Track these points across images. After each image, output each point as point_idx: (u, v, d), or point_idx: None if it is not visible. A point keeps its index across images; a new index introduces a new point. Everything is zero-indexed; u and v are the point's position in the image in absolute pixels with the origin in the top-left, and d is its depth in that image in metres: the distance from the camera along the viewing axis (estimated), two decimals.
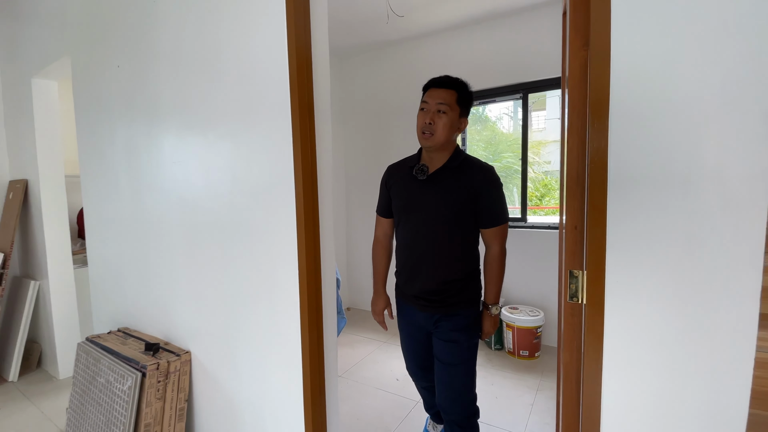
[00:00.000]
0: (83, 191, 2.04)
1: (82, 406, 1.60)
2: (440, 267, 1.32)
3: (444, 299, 1.33)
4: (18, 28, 2.43)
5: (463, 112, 1.31)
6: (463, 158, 1.32)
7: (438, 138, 1.26)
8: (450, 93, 1.27)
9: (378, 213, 1.51)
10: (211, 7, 1.35)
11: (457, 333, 1.33)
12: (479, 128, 3.93)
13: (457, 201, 1.27)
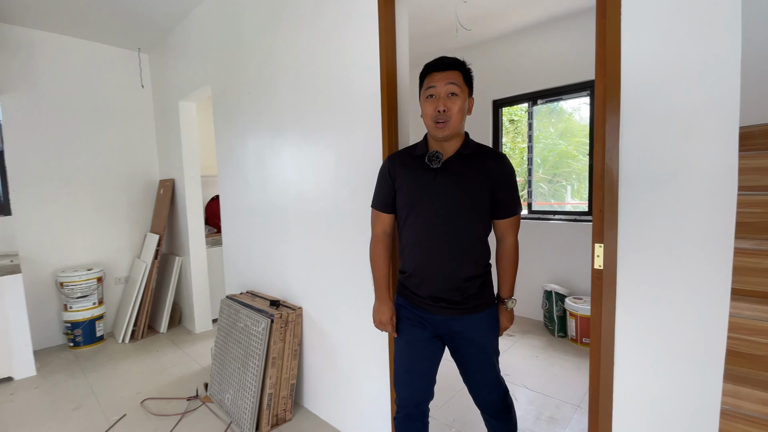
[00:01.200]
0: (220, 188, 2.69)
1: (226, 345, 2.19)
2: (461, 262, 1.22)
3: (465, 300, 1.23)
4: (169, 63, 3.20)
5: (470, 93, 1.22)
6: (476, 145, 1.24)
7: (454, 124, 1.17)
8: (456, 74, 1.18)
9: (375, 207, 1.35)
10: (320, 43, 1.80)
11: (484, 337, 1.27)
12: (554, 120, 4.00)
13: (474, 190, 1.19)
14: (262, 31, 2.13)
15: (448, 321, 1.25)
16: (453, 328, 1.26)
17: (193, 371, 2.58)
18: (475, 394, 1.34)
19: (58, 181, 3.04)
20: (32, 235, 2.92)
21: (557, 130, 4.05)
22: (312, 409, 2.08)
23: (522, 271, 3.27)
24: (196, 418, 2.05)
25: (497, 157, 1.24)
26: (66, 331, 2.95)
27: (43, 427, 1.99)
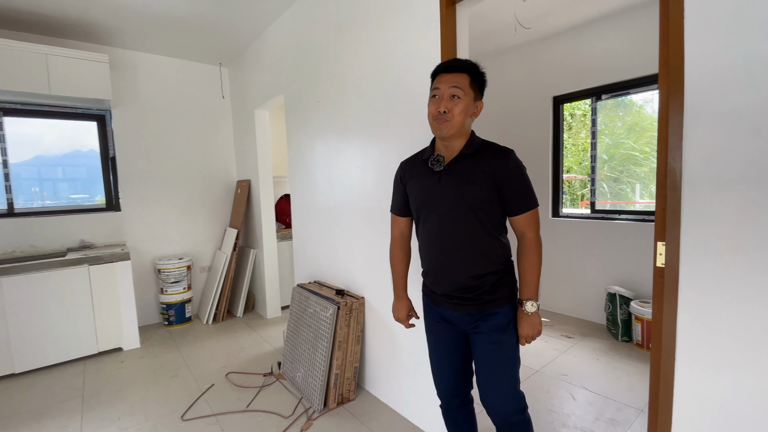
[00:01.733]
0: (291, 187, 2.96)
1: (297, 328, 2.43)
2: (468, 262, 1.24)
3: (479, 296, 1.25)
4: (246, 75, 3.57)
5: (477, 95, 1.24)
6: (480, 143, 1.25)
7: (454, 124, 1.19)
8: (462, 77, 1.20)
9: (393, 212, 1.44)
10: (384, 52, 1.94)
11: (497, 334, 1.24)
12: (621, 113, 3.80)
13: (478, 189, 1.20)
14: (331, 43, 2.33)
15: (465, 317, 1.28)
16: (469, 325, 1.28)
17: (266, 351, 2.88)
18: (487, 399, 1.27)
19: (155, 183, 3.53)
20: (136, 228, 3.44)
21: (625, 124, 3.85)
22: (373, 391, 2.25)
23: (581, 272, 3.22)
24: (271, 392, 2.31)
25: (500, 152, 1.22)
26: (162, 311, 3.43)
27: (149, 390, 2.37)
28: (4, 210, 2.97)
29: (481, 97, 1.26)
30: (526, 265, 1.24)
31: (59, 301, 2.66)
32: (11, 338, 2.52)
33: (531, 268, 1.23)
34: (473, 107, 1.23)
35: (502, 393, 1.26)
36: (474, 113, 1.25)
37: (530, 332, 1.24)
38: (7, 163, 2.96)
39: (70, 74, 2.77)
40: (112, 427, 2.00)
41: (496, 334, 1.24)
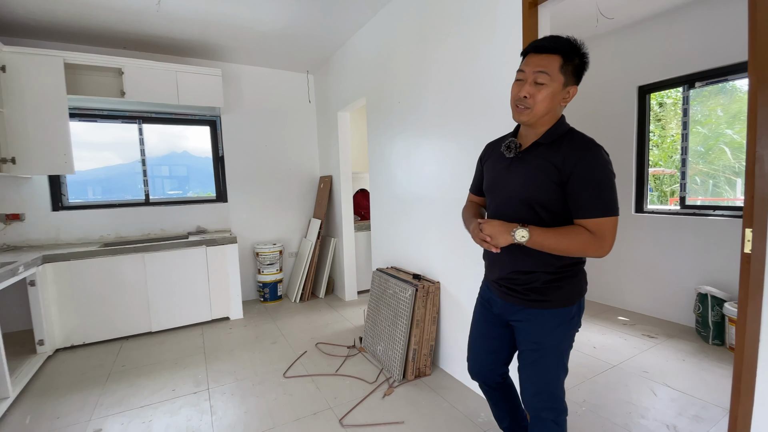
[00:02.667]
0: (371, 181, 3.24)
1: (377, 307, 2.70)
2: (515, 256, 1.19)
3: (525, 292, 1.20)
4: (330, 80, 3.93)
5: (570, 80, 1.11)
6: (562, 133, 1.13)
7: (535, 113, 1.11)
8: (552, 59, 1.09)
9: (470, 190, 1.48)
10: (465, 53, 2.10)
11: (540, 331, 1.20)
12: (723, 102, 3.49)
13: (541, 182, 1.11)
14: (412, 47, 2.54)
15: (509, 307, 1.26)
16: (513, 316, 1.26)
17: (347, 328, 3.21)
18: (522, 390, 1.27)
19: (254, 178, 4.06)
20: (239, 216, 4.00)
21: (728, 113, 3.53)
22: (447, 369, 2.43)
23: (667, 271, 3.07)
24: (355, 361, 2.61)
25: (579, 147, 1.08)
26: (258, 288, 3.96)
27: (254, 352, 2.80)
28: (143, 200, 3.67)
29: (577, 81, 1.12)
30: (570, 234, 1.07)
31: (184, 274, 3.24)
32: (150, 303, 3.14)
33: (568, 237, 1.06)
34: (562, 93, 1.11)
35: (534, 389, 1.23)
36: (564, 99, 1.13)
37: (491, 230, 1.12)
38: (146, 162, 3.65)
39: (193, 87, 3.34)
40: (230, 377, 2.44)
41: (538, 336, 1.20)
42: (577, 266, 1.20)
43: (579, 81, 1.15)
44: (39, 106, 2.84)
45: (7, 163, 2.77)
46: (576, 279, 1.20)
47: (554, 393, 1.22)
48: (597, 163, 1.06)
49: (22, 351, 2.72)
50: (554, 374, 1.21)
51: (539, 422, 1.25)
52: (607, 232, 1.05)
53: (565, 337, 1.21)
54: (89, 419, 2.03)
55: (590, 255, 1.07)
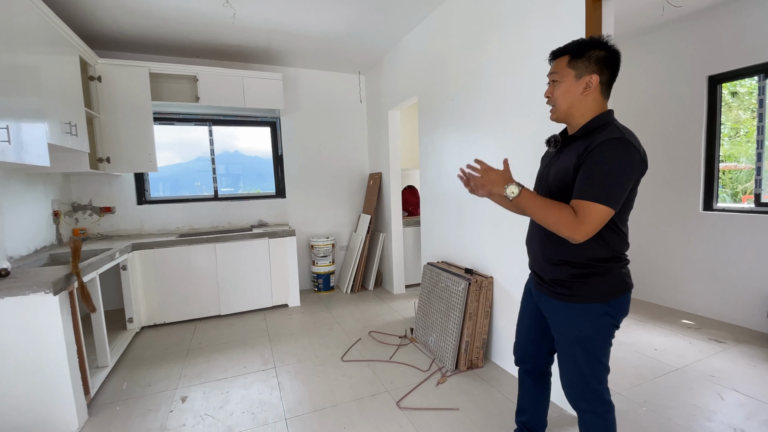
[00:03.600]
0: (421, 177, 3.33)
1: (429, 299, 2.80)
2: (547, 245, 1.25)
3: (552, 283, 1.25)
4: (381, 80, 4.06)
5: (585, 70, 1.17)
6: (597, 126, 1.16)
7: (559, 108, 1.23)
8: (560, 60, 1.22)
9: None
10: (523, 50, 2.12)
11: (567, 324, 1.23)
12: None
13: (565, 174, 1.17)
14: (467, 44, 2.59)
15: (540, 296, 1.33)
16: (544, 305, 1.32)
17: (397, 319, 3.33)
18: (561, 380, 1.31)
19: (309, 175, 4.30)
20: (296, 211, 4.26)
21: None
22: (499, 363, 2.48)
23: (738, 273, 2.90)
24: (407, 350, 2.72)
25: (602, 137, 1.10)
26: (313, 279, 4.20)
27: (313, 337, 3.00)
28: (212, 195, 4.01)
29: (592, 71, 1.17)
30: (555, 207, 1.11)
31: (249, 264, 3.52)
32: (219, 289, 3.45)
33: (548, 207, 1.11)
34: (579, 84, 1.18)
35: (568, 381, 1.27)
36: (586, 90, 1.18)
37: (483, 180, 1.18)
38: (214, 161, 3.99)
39: (257, 91, 3.61)
40: (294, 358, 2.65)
41: (566, 329, 1.23)
42: (608, 264, 1.18)
43: (611, 69, 1.19)
44: (128, 111, 3.21)
45: (103, 162, 3.17)
46: (606, 277, 1.18)
47: (590, 386, 1.23)
48: (606, 152, 1.08)
49: (114, 327, 3.11)
50: (587, 368, 1.22)
51: (581, 414, 1.28)
52: (588, 216, 1.06)
53: (596, 333, 1.20)
54: (176, 388, 2.31)
55: (563, 233, 1.09)
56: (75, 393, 1.91)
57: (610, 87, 1.22)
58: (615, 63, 1.19)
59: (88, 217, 3.52)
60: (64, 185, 3.34)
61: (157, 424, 1.96)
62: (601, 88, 1.20)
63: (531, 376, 1.53)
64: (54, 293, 1.81)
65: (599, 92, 1.20)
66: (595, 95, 1.20)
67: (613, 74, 1.20)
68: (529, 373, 1.53)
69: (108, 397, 2.22)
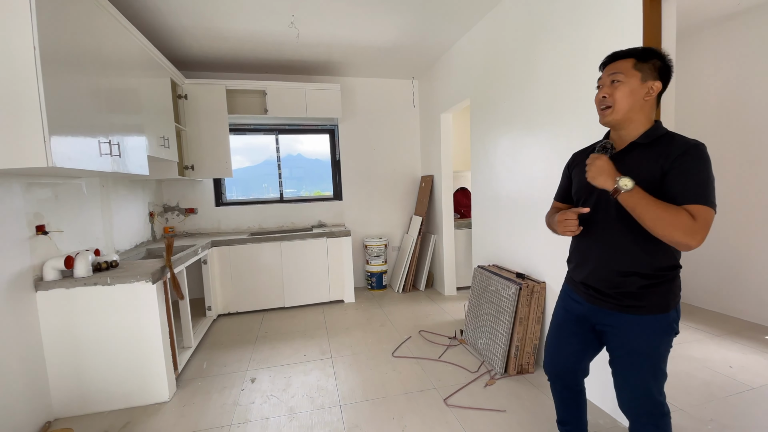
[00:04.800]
0: (473, 180, 3.36)
1: (479, 302, 2.83)
2: (616, 254, 1.20)
3: (618, 296, 1.21)
4: (433, 84, 4.13)
5: (649, 75, 1.15)
6: (660, 135, 1.15)
7: (619, 110, 1.17)
8: (624, 61, 1.18)
9: (555, 198, 1.54)
10: (577, 52, 2.08)
11: (634, 343, 1.20)
12: None
13: (642, 179, 1.10)
14: (521, 47, 2.58)
15: (598, 312, 1.27)
16: (603, 320, 1.27)
17: (447, 320, 3.39)
18: (618, 394, 1.28)
19: (363, 179, 4.51)
20: (351, 212, 4.49)
21: None
22: None
23: None
24: (456, 351, 2.78)
25: (684, 143, 1.09)
26: (366, 277, 4.40)
27: (366, 332, 3.18)
28: (278, 198, 4.39)
29: (658, 76, 1.16)
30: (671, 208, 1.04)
31: (310, 261, 3.81)
32: (284, 283, 3.77)
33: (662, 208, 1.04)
34: (643, 88, 1.15)
35: (631, 395, 1.24)
36: (648, 95, 1.16)
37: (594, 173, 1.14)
38: (280, 166, 4.36)
39: (317, 101, 3.88)
40: (348, 350, 2.84)
41: (633, 342, 1.20)
42: (674, 270, 1.18)
43: (666, 81, 1.18)
44: (209, 124, 3.65)
45: (188, 169, 3.63)
46: (673, 284, 1.18)
47: (652, 398, 1.21)
48: (703, 156, 1.08)
49: (196, 314, 3.55)
50: (652, 380, 1.21)
51: (640, 426, 1.25)
52: (706, 222, 1.02)
53: (662, 344, 1.19)
54: (246, 370, 2.61)
55: (678, 238, 1.02)
56: (167, 368, 2.26)
57: (659, 99, 1.22)
58: (669, 76, 1.20)
59: (176, 217, 4.05)
60: (157, 190, 3.88)
61: (231, 399, 2.25)
62: (657, 97, 1.20)
63: (571, 390, 1.52)
64: (152, 282, 2.17)
65: (655, 101, 1.20)
66: (652, 103, 1.19)
67: (665, 87, 1.20)
68: (568, 387, 1.51)
69: (191, 374, 2.57)
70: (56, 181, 2.23)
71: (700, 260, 3.42)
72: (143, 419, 2.07)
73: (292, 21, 2.93)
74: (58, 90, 1.64)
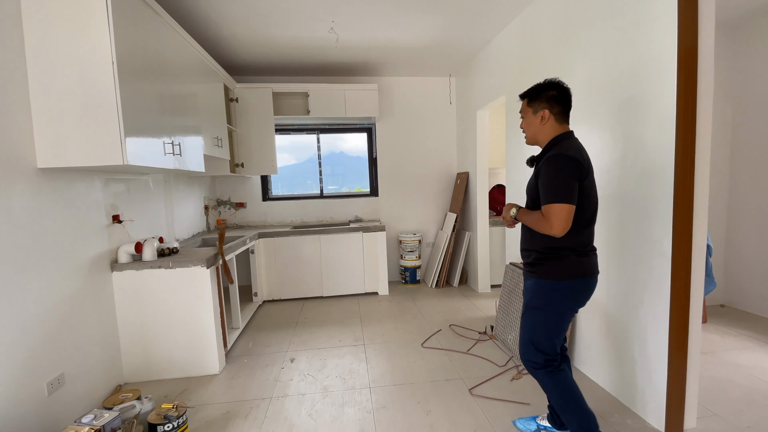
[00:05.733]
0: (508, 176, 3.36)
1: (509, 299, 2.85)
2: (525, 237, 1.66)
3: (526, 265, 1.65)
4: (471, 81, 4.14)
5: (540, 107, 1.57)
6: (549, 148, 1.55)
7: (527, 136, 1.66)
8: (523, 102, 1.65)
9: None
10: (612, 47, 2.05)
11: (527, 298, 1.64)
12: None
13: (534, 188, 1.56)
14: (556, 44, 2.56)
15: (525, 280, 1.70)
16: (525, 285, 1.70)
17: (478, 316, 3.43)
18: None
19: (399, 175, 4.63)
20: (387, 208, 4.63)
21: None
22: (581, 368, 2.43)
23: None
24: (486, 346, 2.83)
25: (545, 157, 1.51)
26: (400, 272, 4.53)
27: (398, 323, 3.31)
28: (318, 194, 4.63)
29: (543, 107, 1.57)
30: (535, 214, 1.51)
31: (346, 254, 4.00)
32: (323, 274, 4.00)
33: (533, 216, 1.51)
34: (536, 118, 1.60)
35: (522, 340, 1.65)
36: (542, 122, 1.58)
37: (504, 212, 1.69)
38: (321, 164, 4.59)
39: (356, 101, 4.05)
40: (380, 338, 2.99)
41: (527, 299, 1.64)
42: (560, 252, 1.53)
43: (561, 103, 1.57)
44: (257, 125, 3.94)
45: (239, 167, 3.95)
46: (559, 262, 1.53)
47: (533, 348, 1.60)
48: (549, 163, 1.47)
49: (244, 299, 3.87)
50: (536, 333, 1.59)
51: (528, 368, 1.64)
52: (553, 215, 1.42)
53: (548, 303, 1.56)
54: (287, 351, 2.84)
55: (545, 232, 1.45)
56: (218, 345, 2.53)
57: (565, 115, 1.59)
58: (565, 98, 1.58)
59: (228, 211, 4.42)
60: (212, 185, 4.25)
61: (272, 376, 2.47)
62: (555, 117, 1.57)
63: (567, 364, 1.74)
64: (206, 267, 2.44)
65: (554, 121, 1.57)
66: (551, 123, 1.58)
67: (565, 106, 1.58)
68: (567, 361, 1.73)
69: (238, 352, 2.85)
70: (128, 177, 2.56)
71: (756, 266, 3.18)
72: (197, 388, 2.34)
73: (332, 27, 3.10)
74: (131, 97, 1.91)
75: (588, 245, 1.55)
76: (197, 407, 2.13)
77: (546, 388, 1.64)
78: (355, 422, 1.97)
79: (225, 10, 2.78)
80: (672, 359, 1.75)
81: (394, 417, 2.01)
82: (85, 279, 2.11)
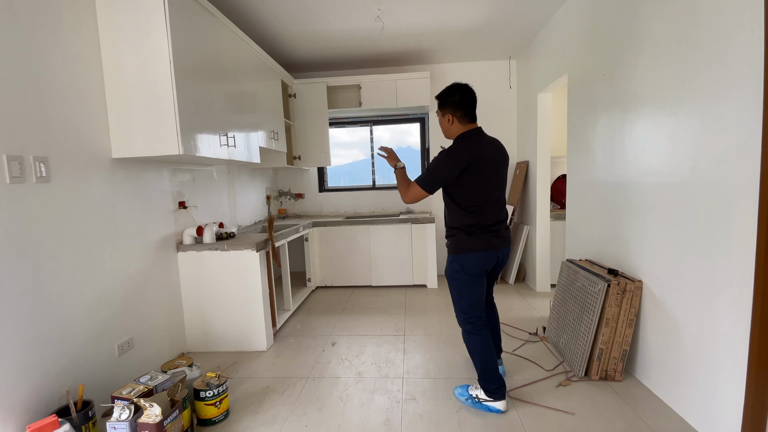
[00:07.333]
0: (568, 165, 3.05)
1: (564, 299, 2.60)
2: (445, 216, 2.00)
3: (448, 239, 1.97)
4: (531, 62, 3.83)
5: (447, 111, 1.93)
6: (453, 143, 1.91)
7: (443, 133, 2.02)
8: (437, 107, 2.01)
9: None
10: (687, 13, 1.72)
11: (449, 272, 1.95)
12: None
13: None
14: (621, 13, 2.24)
15: None
16: None
17: (532, 316, 3.19)
18: None
19: None
20: (438, 201, 4.51)
21: None
22: (643, 380, 2.12)
23: None
24: (535, 347, 2.62)
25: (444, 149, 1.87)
26: None
27: (443, 317, 3.22)
28: (371, 185, 4.69)
29: (449, 110, 1.93)
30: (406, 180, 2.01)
31: (395, 244, 4.00)
32: (371, 264, 4.05)
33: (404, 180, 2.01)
34: (444, 120, 1.96)
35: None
36: (449, 121, 1.94)
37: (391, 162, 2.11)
38: (374, 155, 4.63)
39: (407, 91, 4.00)
40: (422, 331, 2.94)
41: (449, 271, 1.95)
42: (462, 231, 1.88)
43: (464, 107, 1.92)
44: (313, 119, 4.10)
45: (296, 159, 4.16)
46: (458, 239, 1.89)
47: (457, 315, 1.99)
48: (437, 156, 1.86)
49: (298, 284, 4.09)
50: (456, 301, 1.97)
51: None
52: (411, 189, 1.92)
53: (455, 276, 1.92)
54: (330, 335, 2.93)
55: (400, 193, 2.00)
56: (266, 324, 2.71)
57: (469, 116, 1.93)
58: (468, 100, 1.91)
59: (287, 201, 4.69)
60: (273, 177, 4.54)
61: (313, 357, 2.58)
62: (459, 119, 1.92)
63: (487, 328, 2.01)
64: (256, 251, 2.61)
65: (458, 123, 1.92)
66: (456, 124, 1.93)
67: (468, 108, 1.92)
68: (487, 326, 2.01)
69: (287, 332, 3.02)
70: (193, 167, 2.84)
71: None
72: (246, 362, 2.54)
73: (378, 15, 3.08)
74: (186, 95, 2.11)
75: (478, 225, 1.84)
76: (242, 379, 2.31)
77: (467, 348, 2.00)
78: (383, 410, 1.97)
79: (275, 8, 2.92)
80: (751, 377, 1.44)
81: (423, 410, 1.96)
82: (155, 257, 2.40)
